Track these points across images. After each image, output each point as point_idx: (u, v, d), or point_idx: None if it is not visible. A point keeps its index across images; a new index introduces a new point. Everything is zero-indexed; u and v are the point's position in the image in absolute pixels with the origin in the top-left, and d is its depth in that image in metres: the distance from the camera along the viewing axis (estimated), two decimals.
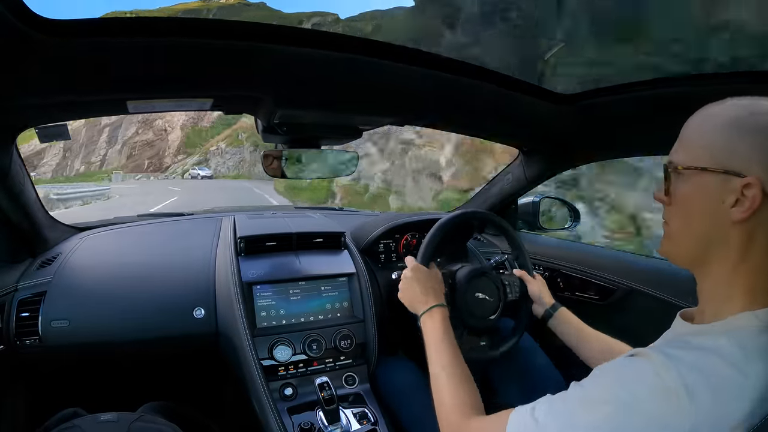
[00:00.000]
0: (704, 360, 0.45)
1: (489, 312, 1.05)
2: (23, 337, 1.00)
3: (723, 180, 0.48)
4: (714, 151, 0.49)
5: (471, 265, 1.12)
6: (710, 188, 0.49)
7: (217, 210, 1.72)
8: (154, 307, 1.08)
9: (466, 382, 0.72)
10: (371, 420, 1.00)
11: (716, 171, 0.49)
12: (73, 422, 0.76)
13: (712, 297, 0.53)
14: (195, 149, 42.62)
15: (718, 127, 0.49)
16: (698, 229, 0.52)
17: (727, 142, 0.48)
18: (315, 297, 1.14)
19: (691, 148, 0.52)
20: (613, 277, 1.27)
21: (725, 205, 0.48)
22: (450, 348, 0.77)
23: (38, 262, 1.12)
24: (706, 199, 0.50)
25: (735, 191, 0.47)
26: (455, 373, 0.73)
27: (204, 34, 0.65)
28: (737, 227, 0.48)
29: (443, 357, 0.76)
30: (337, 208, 1.84)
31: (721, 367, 0.44)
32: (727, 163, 0.48)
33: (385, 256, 1.35)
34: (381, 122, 1.04)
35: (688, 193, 0.52)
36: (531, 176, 1.40)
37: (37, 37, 0.55)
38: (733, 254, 0.49)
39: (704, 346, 0.46)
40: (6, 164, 0.87)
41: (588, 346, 0.92)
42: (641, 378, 0.45)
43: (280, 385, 1.03)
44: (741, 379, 0.44)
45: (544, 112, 1.06)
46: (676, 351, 0.46)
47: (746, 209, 0.47)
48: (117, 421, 0.76)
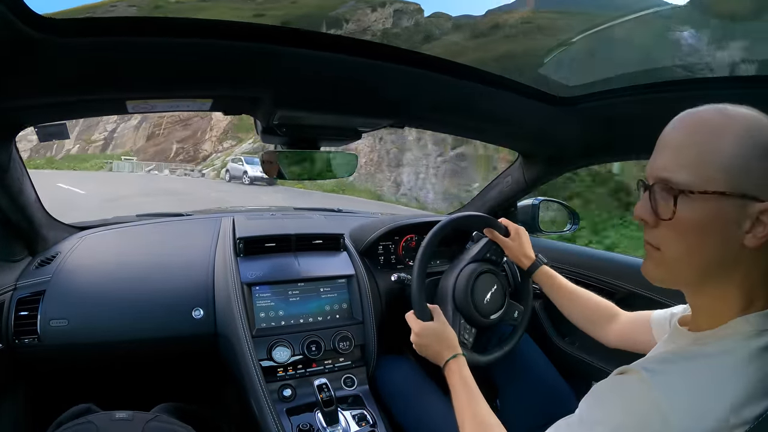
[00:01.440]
0: (689, 369, 0.45)
1: (496, 308, 1.05)
2: (22, 336, 1.00)
3: (741, 204, 0.45)
4: (731, 174, 0.45)
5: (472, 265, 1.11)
6: (725, 213, 0.45)
7: (217, 210, 1.73)
8: (153, 307, 1.08)
9: (490, 427, 0.71)
10: (370, 422, 1.00)
11: (734, 195, 0.45)
12: (87, 418, 0.76)
13: (706, 312, 0.52)
14: (250, 135, 24.01)
15: (730, 146, 0.45)
16: (707, 257, 0.48)
17: (743, 165, 0.45)
18: (314, 298, 1.14)
19: (700, 167, 0.46)
20: (612, 280, 1.26)
21: (741, 230, 0.45)
22: (475, 399, 0.76)
23: (37, 261, 1.12)
24: (723, 225, 0.46)
25: (751, 216, 0.45)
26: (485, 424, 0.72)
27: (204, 35, 0.65)
28: (746, 252, 0.46)
29: (470, 409, 0.75)
30: (337, 209, 1.84)
31: (708, 377, 0.44)
32: (744, 187, 0.45)
33: (385, 257, 1.35)
34: (380, 124, 1.04)
35: (694, 217, 0.47)
36: (530, 179, 1.40)
37: (36, 36, 0.55)
38: (736, 276, 0.48)
39: (694, 354, 0.47)
40: (5, 163, 0.87)
41: (575, 305, 0.96)
42: (628, 399, 0.45)
43: (278, 386, 1.03)
44: (726, 385, 0.44)
45: (543, 115, 1.06)
46: (657, 365, 0.46)
47: (762, 236, 0.44)
48: (132, 419, 0.76)
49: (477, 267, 1.06)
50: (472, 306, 1.02)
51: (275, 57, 0.72)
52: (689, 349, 0.49)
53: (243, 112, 0.95)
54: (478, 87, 0.93)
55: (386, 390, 1.10)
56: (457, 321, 1.02)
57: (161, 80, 0.75)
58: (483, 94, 0.96)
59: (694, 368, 0.45)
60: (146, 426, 0.74)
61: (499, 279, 1.08)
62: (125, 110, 0.82)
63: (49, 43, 0.57)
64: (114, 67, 0.68)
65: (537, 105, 1.02)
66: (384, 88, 0.90)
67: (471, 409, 0.75)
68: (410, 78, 0.86)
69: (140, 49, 0.65)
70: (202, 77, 0.77)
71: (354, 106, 0.94)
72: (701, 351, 0.47)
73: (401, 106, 1.00)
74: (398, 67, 0.81)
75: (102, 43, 0.61)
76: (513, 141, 1.35)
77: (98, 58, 0.64)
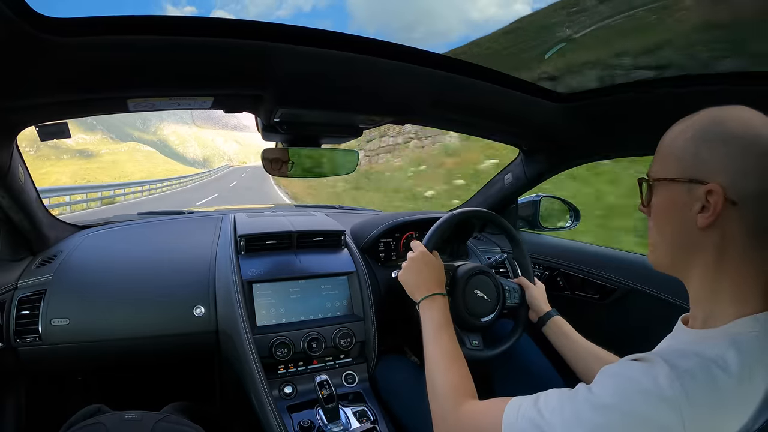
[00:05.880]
0: (704, 369, 0.45)
1: (486, 312, 1.05)
2: (23, 335, 1.00)
3: (689, 189, 0.51)
4: (682, 162, 0.52)
5: (472, 262, 1.12)
6: (678, 197, 0.52)
7: (218, 208, 1.73)
8: (155, 305, 1.08)
9: (461, 369, 0.72)
10: (371, 418, 1.00)
11: (683, 180, 0.51)
12: (97, 418, 0.76)
13: (699, 301, 0.54)
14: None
15: (688, 138, 0.52)
16: (672, 238, 0.55)
17: (694, 153, 0.51)
18: (315, 295, 1.15)
19: (663, 160, 0.55)
20: (613, 277, 1.27)
21: (692, 212, 0.50)
22: (448, 336, 0.79)
23: (38, 260, 1.12)
24: (675, 208, 0.53)
25: (700, 199, 0.50)
26: (451, 360, 0.74)
27: (204, 33, 0.65)
28: (707, 233, 0.50)
29: (440, 343, 0.77)
30: (338, 206, 1.84)
31: (720, 375, 0.44)
32: (693, 173, 0.50)
33: (385, 254, 1.35)
34: (381, 121, 1.04)
35: (659, 203, 0.55)
36: (531, 175, 1.40)
37: (37, 36, 0.55)
38: (709, 260, 0.51)
39: (704, 354, 0.46)
40: (6, 162, 0.87)
41: (580, 357, 0.93)
42: (643, 386, 0.45)
43: (280, 383, 1.03)
44: (740, 387, 0.44)
45: (544, 112, 1.06)
46: (677, 359, 0.46)
47: (709, 215, 0.49)
48: (141, 420, 0.76)
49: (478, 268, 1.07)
50: (464, 309, 1.02)
51: (276, 55, 0.72)
52: (698, 348, 0.49)
53: (244, 110, 0.95)
54: (479, 84, 0.92)
55: (387, 386, 1.10)
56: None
57: (162, 79, 0.75)
58: (485, 90, 0.96)
59: (704, 364, 0.45)
60: (155, 426, 0.75)
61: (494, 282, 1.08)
62: (126, 109, 0.82)
63: (49, 42, 0.57)
64: (114, 66, 0.68)
65: (538, 101, 1.02)
66: (385, 85, 0.90)
67: (436, 344, 0.77)
68: (412, 75, 0.85)
69: (141, 49, 0.65)
70: (203, 76, 0.76)
71: (355, 104, 0.94)
72: (705, 350, 0.47)
73: (402, 103, 1.00)
74: (400, 64, 0.81)
75: (102, 42, 0.61)
76: (514, 137, 1.34)
77: (99, 58, 0.64)
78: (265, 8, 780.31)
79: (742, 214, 0.48)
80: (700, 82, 0.87)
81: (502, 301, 1.07)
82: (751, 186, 0.47)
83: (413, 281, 0.90)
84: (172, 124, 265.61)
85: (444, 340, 0.77)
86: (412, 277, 0.91)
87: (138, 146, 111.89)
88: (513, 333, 1.08)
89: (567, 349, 0.96)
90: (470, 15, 50.00)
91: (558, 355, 0.98)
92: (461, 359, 0.74)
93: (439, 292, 0.86)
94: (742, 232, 0.48)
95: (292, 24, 0.69)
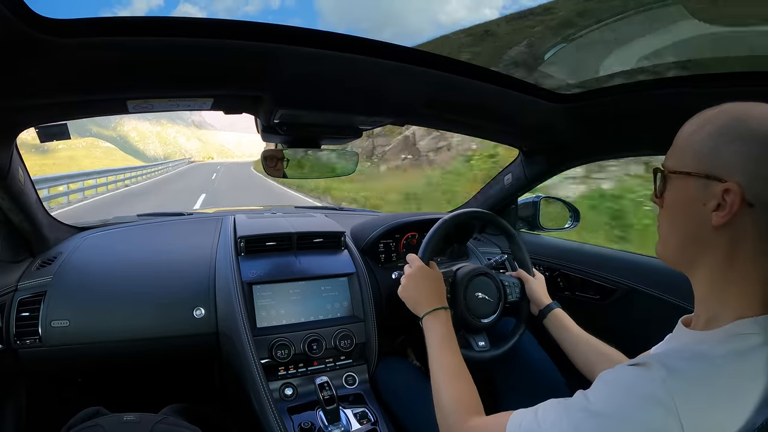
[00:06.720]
0: (702, 370, 0.45)
1: (488, 312, 1.05)
2: (23, 337, 1.00)
3: (704, 184, 0.49)
4: (700, 157, 0.50)
5: (472, 264, 1.12)
6: (692, 192, 0.51)
7: (217, 210, 1.73)
8: (154, 307, 1.08)
9: (466, 384, 0.73)
10: (371, 420, 1.00)
11: (699, 175, 0.50)
12: (96, 421, 0.76)
13: (704, 302, 0.53)
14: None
15: (707, 133, 0.50)
16: (682, 232, 0.53)
17: (712, 148, 0.49)
18: (315, 297, 1.14)
19: (680, 153, 0.53)
20: (613, 277, 1.27)
21: (706, 209, 0.49)
22: (452, 350, 0.79)
23: (38, 261, 1.12)
24: (689, 202, 0.51)
25: (716, 196, 0.48)
26: (456, 375, 0.74)
27: (204, 34, 0.65)
28: (720, 232, 0.49)
29: (444, 359, 0.77)
30: (338, 207, 1.84)
31: (719, 376, 0.44)
32: (710, 169, 0.49)
33: (386, 255, 1.35)
34: (381, 122, 1.04)
35: (673, 196, 0.54)
36: (531, 176, 1.40)
37: (37, 37, 0.55)
38: (719, 259, 0.50)
39: (703, 355, 0.46)
40: (6, 164, 0.87)
41: (580, 351, 0.92)
42: (641, 391, 0.45)
43: (280, 384, 1.03)
44: (739, 388, 0.44)
45: (544, 112, 1.06)
46: (675, 362, 0.46)
47: (725, 214, 0.47)
48: (139, 421, 0.76)
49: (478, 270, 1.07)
50: (467, 312, 1.02)
51: (275, 56, 0.72)
52: (698, 349, 0.49)
53: (244, 112, 0.95)
54: (479, 84, 0.92)
55: (387, 388, 1.10)
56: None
57: (162, 80, 0.75)
58: (484, 91, 0.96)
59: (704, 366, 0.45)
60: (153, 428, 0.74)
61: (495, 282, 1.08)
62: (126, 110, 0.82)
63: (49, 43, 0.57)
64: (114, 67, 0.67)
65: (538, 102, 1.02)
66: (385, 86, 0.90)
67: (440, 359, 0.77)
68: (412, 75, 0.85)
69: (140, 50, 0.65)
70: (203, 77, 0.76)
71: (355, 105, 0.94)
72: (705, 351, 0.47)
73: (402, 104, 1.00)
74: (399, 65, 0.81)
75: (102, 43, 0.61)
76: (514, 138, 1.34)
77: (98, 59, 0.64)
78: (232, 3, 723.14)
79: (756, 217, 0.47)
80: (701, 82, 0.87)
81: (503, 298, 1.07)
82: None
83: (413, 297, 0.91)
84: (133, 120, 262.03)
85: (447, 356, 0.78)
86: (412, 294, 0.91)
87: (97, 142, 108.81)
88: (516, 329, 1.09)
89: (567, 342, 0.96)
90: (438, 17, 49.92)
91: (558, 347, 0.98)
92: (465, 374, 0.75)
93: (441, 306, 0.87)
94: (754, 235, 0.47)
95: (290, 25, 0.69)
